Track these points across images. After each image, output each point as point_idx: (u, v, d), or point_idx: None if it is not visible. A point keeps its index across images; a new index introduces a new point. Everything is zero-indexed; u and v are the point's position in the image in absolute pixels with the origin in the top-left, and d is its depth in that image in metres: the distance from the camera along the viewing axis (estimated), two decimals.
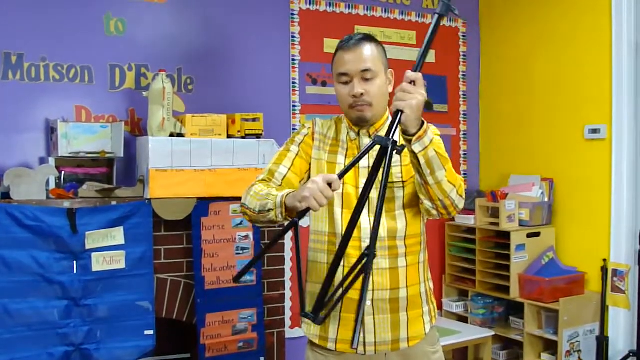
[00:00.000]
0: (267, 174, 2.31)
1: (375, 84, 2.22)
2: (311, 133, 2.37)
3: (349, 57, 2.21)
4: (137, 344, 3.32)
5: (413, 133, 1.95)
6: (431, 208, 2.12)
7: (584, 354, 4.06)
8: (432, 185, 2.04)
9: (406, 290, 2.26)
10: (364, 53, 2.21)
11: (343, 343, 2.27)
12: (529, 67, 4.65)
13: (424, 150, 1.98)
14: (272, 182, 2.28)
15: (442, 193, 2.06)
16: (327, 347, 2.29)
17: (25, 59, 3.51)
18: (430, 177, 2.02)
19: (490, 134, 4.95)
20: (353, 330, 1.77)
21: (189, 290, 3.53)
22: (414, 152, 1.98)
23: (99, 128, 3.51)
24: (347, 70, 2.21)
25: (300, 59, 4.30)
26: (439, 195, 2.07)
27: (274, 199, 2.09)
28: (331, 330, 2.28)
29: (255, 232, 3.62)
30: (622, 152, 3.99)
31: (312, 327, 2.32)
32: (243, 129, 3.63)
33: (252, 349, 3.62)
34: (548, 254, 4.31)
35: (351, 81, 2.22)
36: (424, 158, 1.99)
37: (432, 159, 1.99)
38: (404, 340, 2.28)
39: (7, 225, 3.06)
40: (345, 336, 2.26)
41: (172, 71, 3.86)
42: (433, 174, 2.02)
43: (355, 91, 2.20)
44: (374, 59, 2.22)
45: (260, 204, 2.14)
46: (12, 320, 3.06)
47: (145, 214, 3.34)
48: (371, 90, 2.21)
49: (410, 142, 1.97)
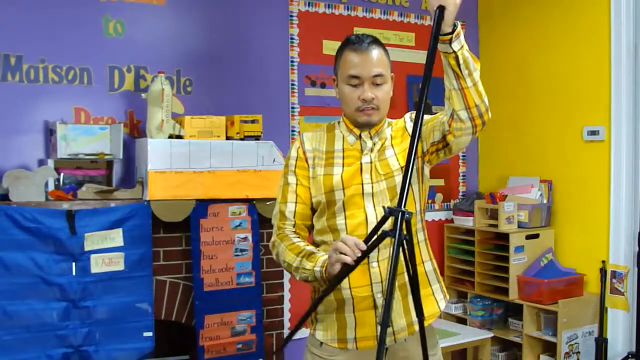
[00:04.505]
0: (280, 220, 2.36)
1: (384, 89, 2.25)
2: (302, 153, 2.37)
3: (360, 60, 2.22)
4: (136, 346, 3.32)
5: (451, 32, 1.95)
6: (467, 119, 2.10)
7: (583, 355, 4.06)
8: (471, 88, 2.05)
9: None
10: (375, 57, 2.23)
11: (362, 341, 2.27)
12: (527, 69, 4.65)
13: (461, 49, 1.99)
14: (287, 224, 2.34)
15: (479, 96, 2.08)
16: (348, 348, 2.29)
17: (24, 61, 3.51)
18: (468, 78, 2.03)
19: (489, 135, 4.95)
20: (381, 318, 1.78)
21: (187, 292, 3.53)
22: (454, 51, 1.98)
23: (98, 130, 3.50)
24: (359, 74, 2.22)
25: (299, 61, 4.30)
26: (476, 99, 2.08)
27: (312, 273, 2.17)
28: (348, 332, 2.28)
29: (254, 234, 3.62)
30: (620, 154, 4.00)
31: (330, 332, 2.32)
32: (242, 130, 3.63)
33: (251, 350, 3.62)
34: (547, 255, 4.31)
35: (361, 84, 2.22)
36: (462, 57, 2.00)
37: (467, 59, 2.01)
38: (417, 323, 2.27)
39: (6, 227, 3.05)
40: (364, 333, 2.27)
41: (171, 73, 3.86)
42: (471, 74, 2.03)
43: (367, 96, 2.22)
44: (384, 63, 2.24)
45: (299, 276, 2.23)
46: (11, 322, 3.06)
47: (144, 216, 3.34)
48: (380, 96, 2.24)
49: (449, 42, 1.96)
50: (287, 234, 2.34)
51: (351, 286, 2.23)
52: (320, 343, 2.35)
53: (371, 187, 2.25)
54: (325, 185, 2.27)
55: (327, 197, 2.27)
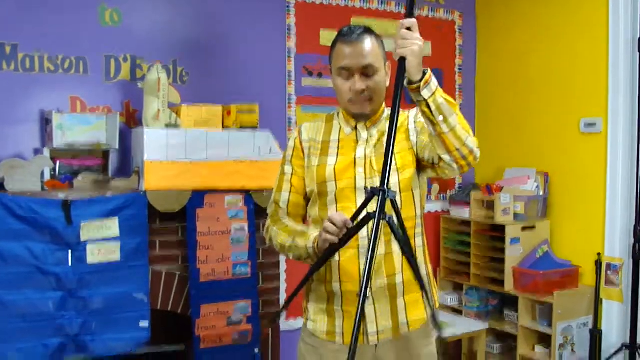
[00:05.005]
0: (274, 208, 2.41)
1: (376, 79, 2.23)
2: (298, 143, 2.38)
3: (350, 52, 2.21)
4: (132, 336, 3.32)
5: (419, 80, 1.96)
6: (450, 161, 2.09)
7: (578, 346, 4.07)
8: (447, 134, 2.03)
9: (402, 275, 2.26)
10: (365, 48, 2.21)
11: (349, 335, 2.27)
12: (525, 60, 4.65)
13: (432, 96, 1.98)
14: (280, 212, 2.39)
15: (458, 140, 2.04)
16: (336, 341, 2.30)
17: (19, 50, 3.49)
18: (444, 124, 2.01)
19: (486, 127, 4.95)
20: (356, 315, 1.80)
21: (184, 282, 3.53)
22: (424, 99, 1.98)
23: (94, 119, 3.49)
24: (348, 65, 2.21)
25: (296, 51, 4.29)
26: (456, 144, 2.05)
27: (304, 250, 2.21)
28: (337, 324, 2.29)
29: (250, 225, 3.62)
30: (617, 146, 4.00)
31: (319, 324, 2.33)
32: (238, 120, 3.62)
33: (247, 340, 3.62)
34: (543, 247, 4.32)
35: (352, 76, 2.22)
36: (434, 104, 1.99)
37: (441, 104, 2.00)
38: (404, 325, 2.29)
39: (2, 217, 3.05)
40: (350, 328, 2.27)
41: (167, 62, 3.84)
42: (446, 120, 2.01)
43: (357, 87, 2.21)
44: (375, 54, 2.22)
45: (293, 255, 2.28)
46: (7, 311, 3.06)
47: (140, 206, 3.33)
48: (372, 86, 2.23)
49: (418, 90, 1.97)
50: (280, 217, 2.39)
51: (341, 280, 2.24)
52: (311, 333, 2.36)
53: (364, 182, 2.24)
54: (319, 175, 2.28)
55: (319, 187, 2.28)
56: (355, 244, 2.20)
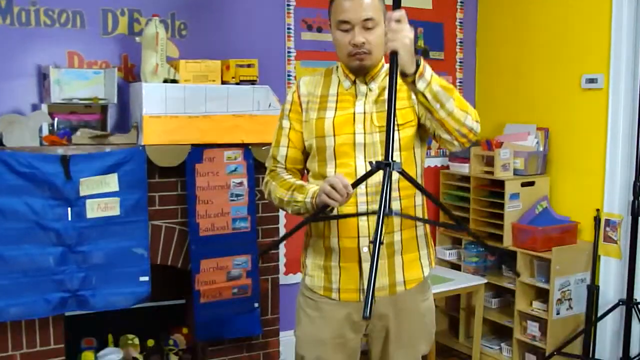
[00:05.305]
0: (272, 162, 2.42)
1: (376, 32, 2.21)
2: (297, 97, 2.37)
3: (350, 5, 2.18)
4: (133, 290, 3.34)
5: (413, 72, 1.95)
6: (451, 139, 2.15)
7: (575, 302, 4.11)
8: (446, 118, 2.07)
9: (400, 233, 2.28)
10: (365, 1, 2.18)
11: (346, 292, 2.30)
12: (526, 15, 4.59)
13: (428, 86, 1.99)
14: (278, 167, 2.40)
15: (457, 122, 2.09)
16: (332, 297, 2.32)
17: (14, 3, 3.44)
18: (441, 110, 2.04)
19: (487, 82, 4.91)
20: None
21: (183, 237, 3.55)
22: (420, 90, 1.99)
23: (91, 74, 3.46)
24: (348, 19, 2.19)
25: (295, 5, 4.23)
26: (455, 126, 2.09)
27: (303, 205, 2.22)
28: (334, 280, 2.31)
29: (249, 179, 3.61)
30: (618, 103, 3.97)
31: (316, 279, 2.36)
32: (237, 75, 3.59)
33: (247, 295, 3.65)
34: (542, 203, 4.32)
35: (352, 29, 2.20)
36: (430, 93, 2.00)
37: (437, 92, 2.01)
38: (401, 284, 2.31)
39: (1, 172, 3.04)
40: (347, 285, 2.29)
41: (165, 16, 3.79)
42: (443, 106, 2.04)
43: (357, 40, 2.19)
44: (375, 7, 2.20)
45: (291, 209, 2.28)
46: (7, 267, 3.08)
47: (139, 161, 3.32)
48: (372, 40, 2.21)
49: (413, 83, 1.97)
50: (278, 172, 2.39)
51: (339, 235, 2.25)
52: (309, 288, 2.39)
53: (363, 138, 2.24)
54: (317, 129, 2.28)
55: (317, 142, 2.28)
56: (354, 201, 2.21)
